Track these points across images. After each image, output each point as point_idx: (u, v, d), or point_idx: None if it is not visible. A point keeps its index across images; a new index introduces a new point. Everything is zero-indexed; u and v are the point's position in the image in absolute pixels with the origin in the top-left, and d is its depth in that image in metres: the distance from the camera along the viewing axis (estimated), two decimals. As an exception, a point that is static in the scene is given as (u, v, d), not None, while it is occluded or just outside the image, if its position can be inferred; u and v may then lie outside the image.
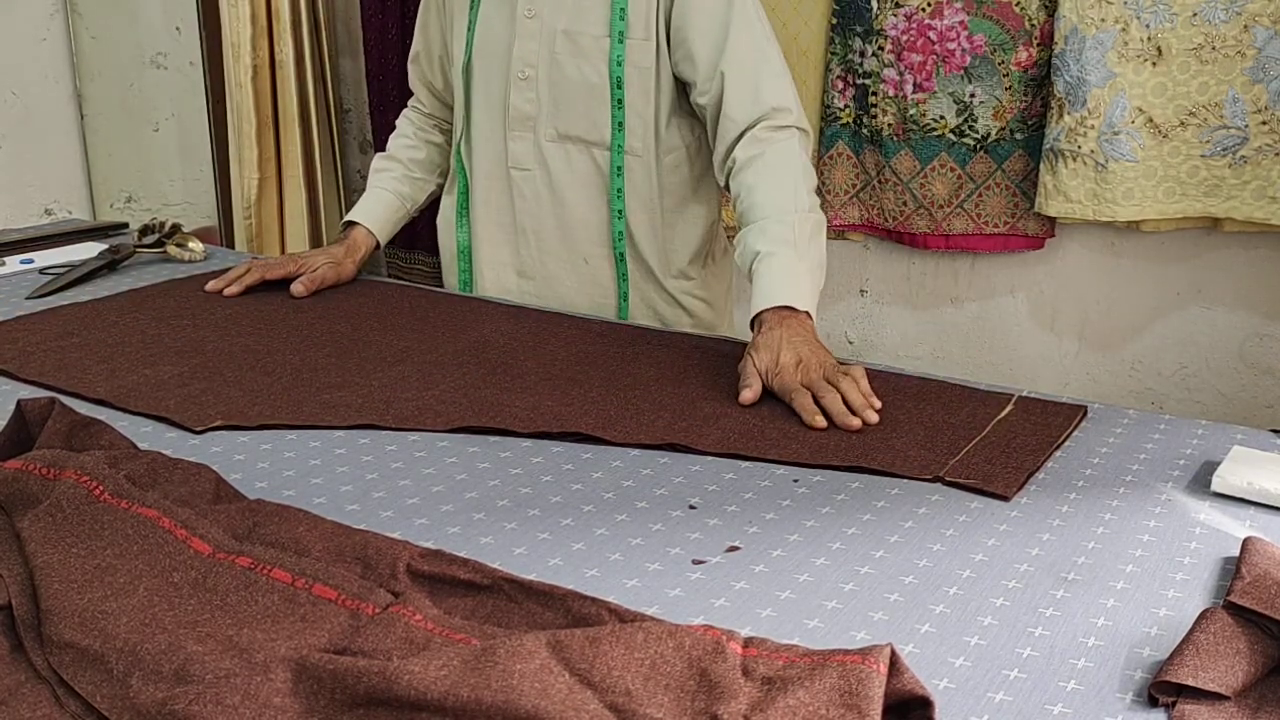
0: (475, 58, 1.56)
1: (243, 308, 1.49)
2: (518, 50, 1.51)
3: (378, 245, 1.69)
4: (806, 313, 1.26)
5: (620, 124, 1.49)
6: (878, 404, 1.11)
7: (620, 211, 1.53)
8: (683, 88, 1.50)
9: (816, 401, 1.11)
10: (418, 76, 1.73)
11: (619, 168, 1.51)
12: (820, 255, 1.36)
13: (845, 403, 1.10)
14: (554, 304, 1.55)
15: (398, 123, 1.78)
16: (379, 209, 1.70)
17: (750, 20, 1.44)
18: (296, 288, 1.54)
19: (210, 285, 1.57)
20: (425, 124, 1.75)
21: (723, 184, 1.48)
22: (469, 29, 1.56)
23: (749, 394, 1.14)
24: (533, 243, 1.58)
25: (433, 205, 1.76)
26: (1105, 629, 0.74)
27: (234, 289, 1.54)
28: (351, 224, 1.68)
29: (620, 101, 1.48)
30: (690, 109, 1.52)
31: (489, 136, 1.58)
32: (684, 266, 1.58)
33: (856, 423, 1.08)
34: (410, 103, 1.78)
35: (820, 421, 1.09)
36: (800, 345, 1.20)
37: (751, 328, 1.26)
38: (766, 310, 1.26)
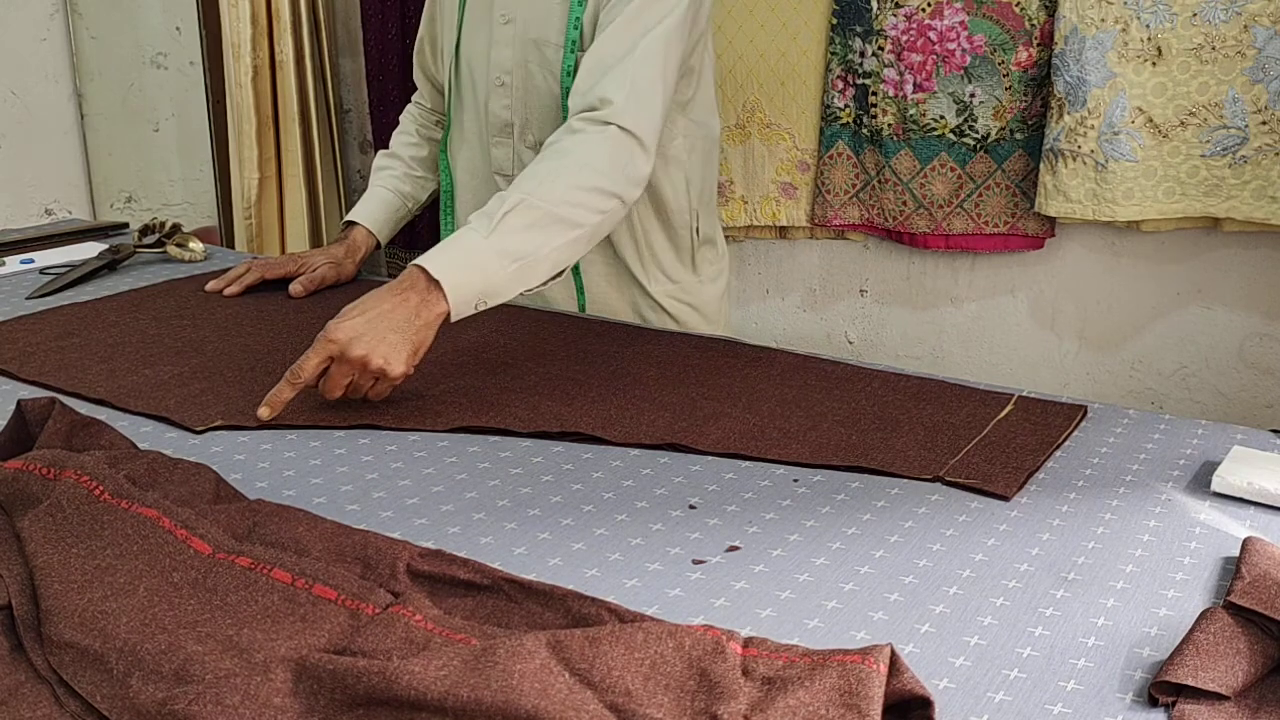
0: (461, 60, 1.56)
1: (243, 308, 1.49)
2: (494, 56, 1.50)
3: (378, 245, 1.68)
4: (438, 283, 1.13)
5: None
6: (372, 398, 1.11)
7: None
8: None
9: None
10: (420, 66, 1.71)
11: None
12: (531, 248, 1.20)
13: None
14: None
15: (401, 118, 1.77)
16: (379, 209, 1.69)
17: (637, 22, 1.34)
18: (295, 288, 1.54)
19: (210, 285, 1.56)
20: (428, 120, 1.75)
21: None
22: (456, 30, 1.56)
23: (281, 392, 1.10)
24: None
25: (434, 204, 1.76)
26: (1105, 629, 0.74)
27: (234, 289, 1.54)
28: (352, 224, 1.68)
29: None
30: None
31: (473, 141, 1.57)
32: (666, 269, 1.57)
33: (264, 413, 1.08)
34: (414, 98, 1.77)
35: (265, 414, 1.09)
36: (380, 312, 1.12)
37: None
38: (411, 267, 1.16)
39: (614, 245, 1.54)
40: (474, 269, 1.16)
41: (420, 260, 1.16)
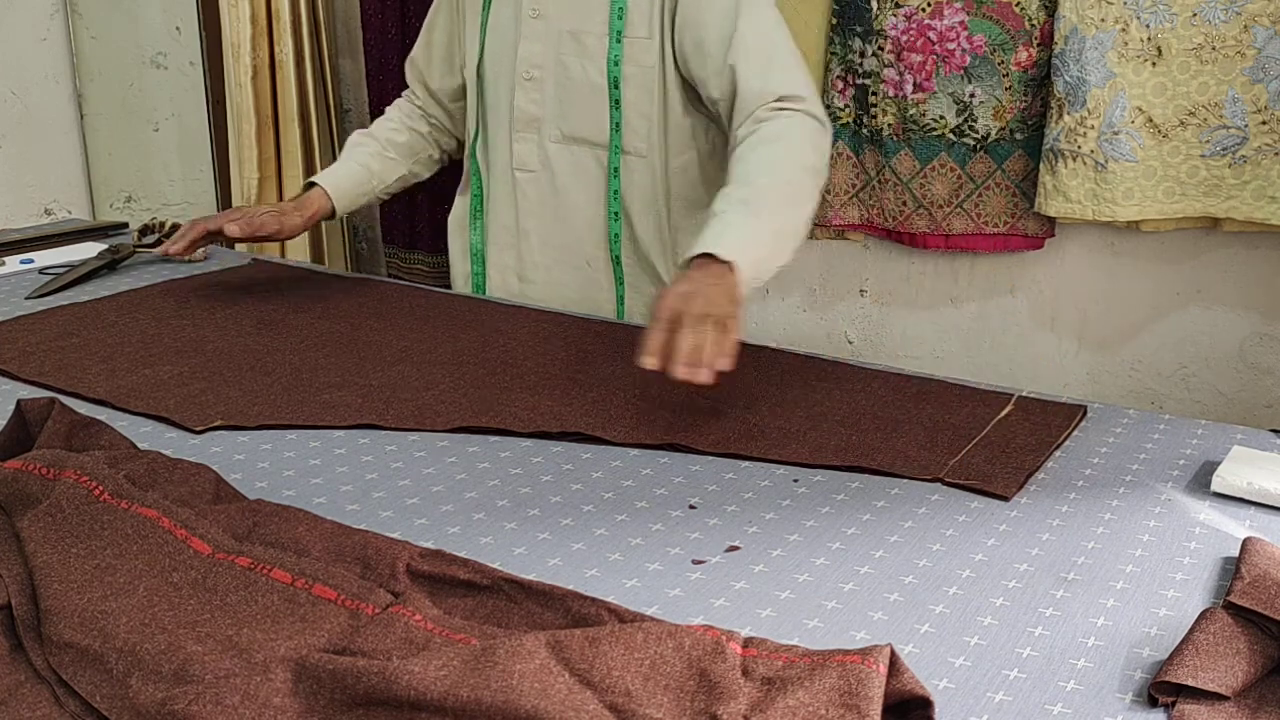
0: (486, 59, 1.55)
1: (243, 308, 1.49)
2: (523, 51, 1.50)
3: (333, 214, 1.62)
4: (730, 264, 1.16)
5: (617, 125, 1.48)
6: (723, 366, 1.05)
7: (617, 213, 1.52)
8: (693, 88, 1.48)
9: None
10: (414, 76, 1.71)
11: (615, 169, 1.50)
12: (787, 224, 1.28)
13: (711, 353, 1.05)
14: (555, 307, 1.55)
15: (387, 110, 1.76)
16: (343, 178, 1.63)
17: (759, 10, 1.41)
18: (230, 229, 1.49)
19: (159, 250, 1.55)
20: (414, 113, 1.73)
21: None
22: (482, 30, 1.55)
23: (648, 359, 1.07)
24: (535, 245, 1.58)
25: (446, 203, 1.75)
26: (1105, 629, 0.74)
27: (179, 247, 1.51)
28: (312, 185, 1.63)
29: (617, 102, 1.47)
30: (704, 111, 1.50)
31: (497, 138, 1.57)
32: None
33: (683, 372, 1.03)
34: (405, 93, 1.76)
35: (650, 362, 1.05)
36: (700, 283, 1.13)
37: None
38: (694, 258, 1.18)
39: (641, 247, 1.53)
40: (753, 247, 1.21)
41: (703, 247, 1.18)
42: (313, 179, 1.63)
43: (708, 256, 1.17)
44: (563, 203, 1.54)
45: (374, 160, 1.67)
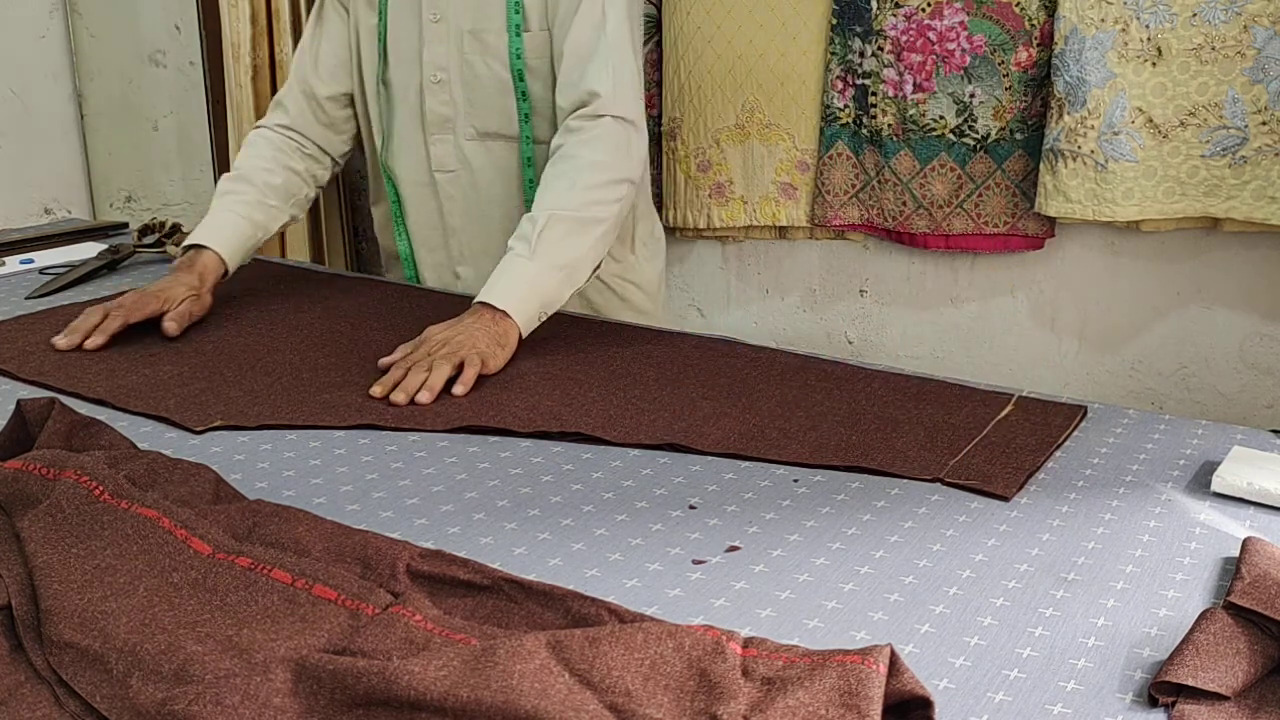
0: (390, 66, 1.56)
1: (243, 308, 1.49)
2: (428, 55, 1.52)
3: (225, 274, 1.50)
4: (504, 311, 1.27)
5: (526, 115, 1.51)
6: (427, 399, 1.15)
7: (531, 201, 1.52)
8: None
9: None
10: (298, 87, 1.61)
11: (529, 158, 1.53)
12: (572, 255, 1.33)
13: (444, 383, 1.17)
14: None
15: (251, 139, 1.63)
16: (232, 236, 1.50)
17: (599, 7, 1.43)
18: (169, 326, 1.35)
19: (62, 342, 1.31)
20: (287, 146, 1.61)
21: None
22: (380, 38, 1.56)
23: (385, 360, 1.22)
24: (464, 240, 1.61)
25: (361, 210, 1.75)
26: (1105, 629, 0.74)
27: (97, 340, 1.31)
28: (199, 247, 1.48)
29: (524, 94, 1.50)
30: None
31: (410, 143, 1.58)
32: (610, 250, 1.58)
33: (401, 398, 1.15)
34: (270, 122, 1.63)
35: (377, 391, 1.16)
36: (459, 330, 1.24)
37: None
38: (475, 304, 1.30)
39: None
40: (530, 289, 1.30)
41: (481, 297, 1.29)
42: (198, 240, 1.49)
43: (484, 304, 1.28)
44: (483, 198, 1.57)
45: (256, 211, 1.54)
